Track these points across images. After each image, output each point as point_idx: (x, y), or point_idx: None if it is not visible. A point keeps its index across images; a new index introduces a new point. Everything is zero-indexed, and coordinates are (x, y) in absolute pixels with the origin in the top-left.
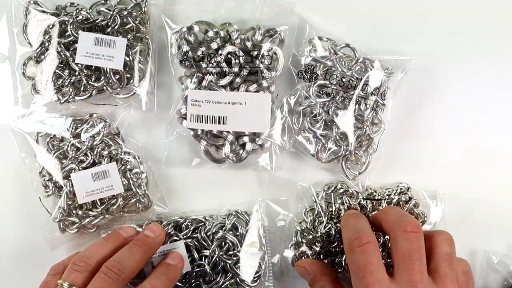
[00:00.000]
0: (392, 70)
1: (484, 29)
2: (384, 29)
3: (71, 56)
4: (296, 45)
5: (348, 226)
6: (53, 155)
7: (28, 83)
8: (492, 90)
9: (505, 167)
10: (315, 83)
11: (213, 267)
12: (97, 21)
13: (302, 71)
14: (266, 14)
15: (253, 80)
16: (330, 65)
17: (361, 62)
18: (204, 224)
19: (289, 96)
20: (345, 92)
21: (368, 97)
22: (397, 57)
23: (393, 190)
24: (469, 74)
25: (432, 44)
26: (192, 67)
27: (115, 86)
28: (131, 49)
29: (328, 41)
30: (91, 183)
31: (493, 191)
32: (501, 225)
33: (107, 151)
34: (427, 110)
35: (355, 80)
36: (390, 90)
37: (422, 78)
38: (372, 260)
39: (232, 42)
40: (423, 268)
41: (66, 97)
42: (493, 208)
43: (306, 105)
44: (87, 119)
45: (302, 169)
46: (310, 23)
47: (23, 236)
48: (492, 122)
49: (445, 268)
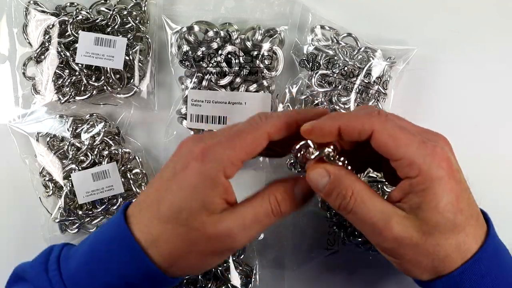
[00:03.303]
0: (394, 59)
1: (487, 21)
2: (387, 18)
3: (71, 56)
4: (299, 34)
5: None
6: (53, 155)
7: (28, 83)
8: (495, 81)
9: (507, 159)
10: (317, 73)
11: (204, 274)
12: (97, 21)
13: (304, 60)
14: (266, 14)
15: (253, 80)
16: (332, 54)
17: (363, 52)
18: None
19: (291, 85)
20: (347, 82)
21: (370, 86)
22: (400, 46)
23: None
24: (471, 64)
25: (435, 34)
26: (192, 67)
27: (115, 85)
28: (131, 48)
29: (331, 30)
30: (91, 183)
31: (495, 185)
32: (501, 223)
33: (107, 151)
34: (428, 100)
35: (357, 70)
36: (392, 80)
37: (424, 68)
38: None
39: (232, 42)
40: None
41: (67, 97)
42: (494, 205)
43: (308, 94)
44: (87, 119)
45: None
46: (312, 12)
47: (23, 236)
48: (495, 112)
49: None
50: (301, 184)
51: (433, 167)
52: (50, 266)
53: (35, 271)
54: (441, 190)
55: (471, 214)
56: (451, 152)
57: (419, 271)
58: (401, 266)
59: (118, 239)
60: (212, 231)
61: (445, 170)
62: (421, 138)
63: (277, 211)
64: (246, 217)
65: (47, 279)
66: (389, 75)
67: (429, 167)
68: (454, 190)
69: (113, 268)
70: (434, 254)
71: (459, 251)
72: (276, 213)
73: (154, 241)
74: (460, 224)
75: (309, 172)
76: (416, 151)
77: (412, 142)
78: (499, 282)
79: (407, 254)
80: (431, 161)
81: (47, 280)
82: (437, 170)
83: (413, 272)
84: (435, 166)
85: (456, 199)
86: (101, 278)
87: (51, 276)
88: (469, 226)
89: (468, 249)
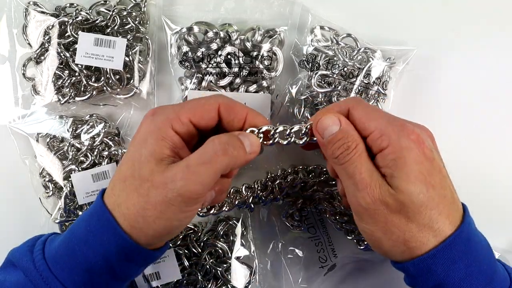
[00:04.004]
0: (394, 60)
1: (486, 20)
2: (386, 19)
3: (71, 56)
4: (299, 34)
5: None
6: (53, 155)
7: (28, 84)
8: (494, 81)
9: (507, 159)
10: (317, 73)
11: (204, 275)
12: (96, 22)
13: (304, 61)
14: (266, 15)
15: (252, 81)
16: (332, 55)
17: (362, 52)
18: (194, 231)
19: (291, 85)
20: (347, 82)
21: (369, 87)
22: (399, 47)
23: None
24: (470, 64)
25: (435, 34)
26: (192, 67)
27: (115, 86)
28: (131, 49)
29: (330, 30)
30: (91, 184)
31: (494, 185)
32: (502, 221)
33: (107, 152)
34: (428, 101)
35: (357, 70)
36: (391, 80)
37: (424, 69)
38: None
39: (232, 42)
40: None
41: (66, 98)
42: (494, 203)
43: (308, 95)
44: (87, 120)
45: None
46: (312, 12)
47: (23, 237)
48: (494, 113)
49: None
50: (247, 136)
51: (402, 138)
52: (36, 247)
53: (21, 253)
54: (411, 159)
55: (444, 195)
56: (429, 138)
57: (390, 244)
58: (372, 236)
59: (95, 213)
60: (159, 179)
61: (414, 143)
62: (392, 118)
63: (223, 150)
64: (190, 159)
65: (31, 259)
66: (389, 76)
67: (398, 137)
68: (424, 164)
69: (90, 242)
70: (407, 226)
71: (431, 229)
72: (223, 152)
73: (117, 202)
74: (433, 199)
75: (322, 116)
76: (386, 124)
77: (383, 118)
78: (472, 270)
79: (380, 220)
80: (400, 133)
81: (31, 259)
82: (406, 141)
83: (384, 245)
84: (404, 137)
85: (427, 172)
86: (80, 253)
87: (35, 256)
88: (442, 205)
89: (441, 229)
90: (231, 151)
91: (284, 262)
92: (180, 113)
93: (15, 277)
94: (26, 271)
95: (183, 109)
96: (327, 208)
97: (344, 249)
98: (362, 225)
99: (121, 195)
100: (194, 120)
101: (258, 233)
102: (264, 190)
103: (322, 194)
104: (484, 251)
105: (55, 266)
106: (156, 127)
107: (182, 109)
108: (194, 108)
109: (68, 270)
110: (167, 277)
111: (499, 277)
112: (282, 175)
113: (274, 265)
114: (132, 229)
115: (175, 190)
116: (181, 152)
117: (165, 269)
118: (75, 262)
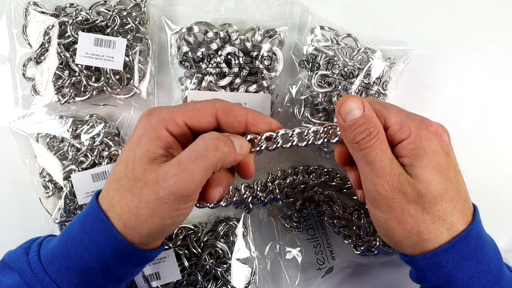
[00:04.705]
0: (394, 60)
1: (486, 20)
2: (386, 19)
3: (71, 56)
4: (299, 34)
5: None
6: (53, 155)
7: (28, 84)
8: (494, 81)
9: (507, 158)
10: (317, 73)
11: (204, 275)
12: (96, 22)
13: (304, 61)
14: (266, 15)
15: (252, 81)
16: (332, 55)
17: (362, 52)
18: (194, 232)
19: (291, 85)
20: (347, 82)
21: (369, 87)
22: (399, 47)
23: None
24: (470, 64)
25: (435, 34)
26: (192, 67)
27: (115, 86)
28: (131, 49)
29: (330, 30)
30: (91, 184)
31: (493, 184)
32: (502, 221)
33: (107, 152)
34: (428, 100)
35: (357, 70)
36: (391, 80)
37: (424, 69)
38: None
39: (232, 42)
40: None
41: (66, 98)
42: (495, 203)
43: (308, 95)
44: (87, 120)
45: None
46: (312, 12)
47: (23, 237)
48: (493, 112)
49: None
50: (237, 137)
51: (422, 129)
52: (31, 249)
53: (17, 255)
54: (430, 150)
55: (458, 190)
56: (446, 134)
57: (403, 234)
58: (386, 224)
59: (90, 214)
60: (151, 177)
61: (433, 134)
62: (410, 112)
63: (214, 145)
64: (181, 156)
65: (27, 260)
66: (389, 76)
67: (418, 128)
68: (442, 156)
69: (85, 243)
70: (422, 217)
71: (445, 222)
72: (214, 147)
73: (111, 203)
74: (449, 191)
75: (347, 100)
76: (406, 117)
77: (402, 112)
78: (481, 268)
79: (396, 209)
80: (420, 125)
81: (26, 261)
82: (426, 132)
83: (397, 235)
84: (424, 128)
85: (445, 165)
86: (75, 254)
87: (30, 257)
88: (456, 199)
89: (454, 223)
90: (222, 146)
91: (282, 264)
92: (176, 115)
93: (11, 279)
94: (22, 273)
95: (179, 111)
96: (326, 211)
97: (342, 252)
98: (376, 213)
99: (115, 195)
100: (189, 123)
101: (258, 234)
102: (264, 190)
103: (322, 197)
104: (493, 250)
105: (51, 267)
106: (150, 127)
107: (178, 112)
108: (191, 111)
109: (63, 271)
110: (167, 277)
111: (506, 277)
112: (282, 176)
113: (274, 266)
114: (125, 228)
115: (167, 188)
116: (175, 152)
117: (165, 269)
118: (70, 263)
